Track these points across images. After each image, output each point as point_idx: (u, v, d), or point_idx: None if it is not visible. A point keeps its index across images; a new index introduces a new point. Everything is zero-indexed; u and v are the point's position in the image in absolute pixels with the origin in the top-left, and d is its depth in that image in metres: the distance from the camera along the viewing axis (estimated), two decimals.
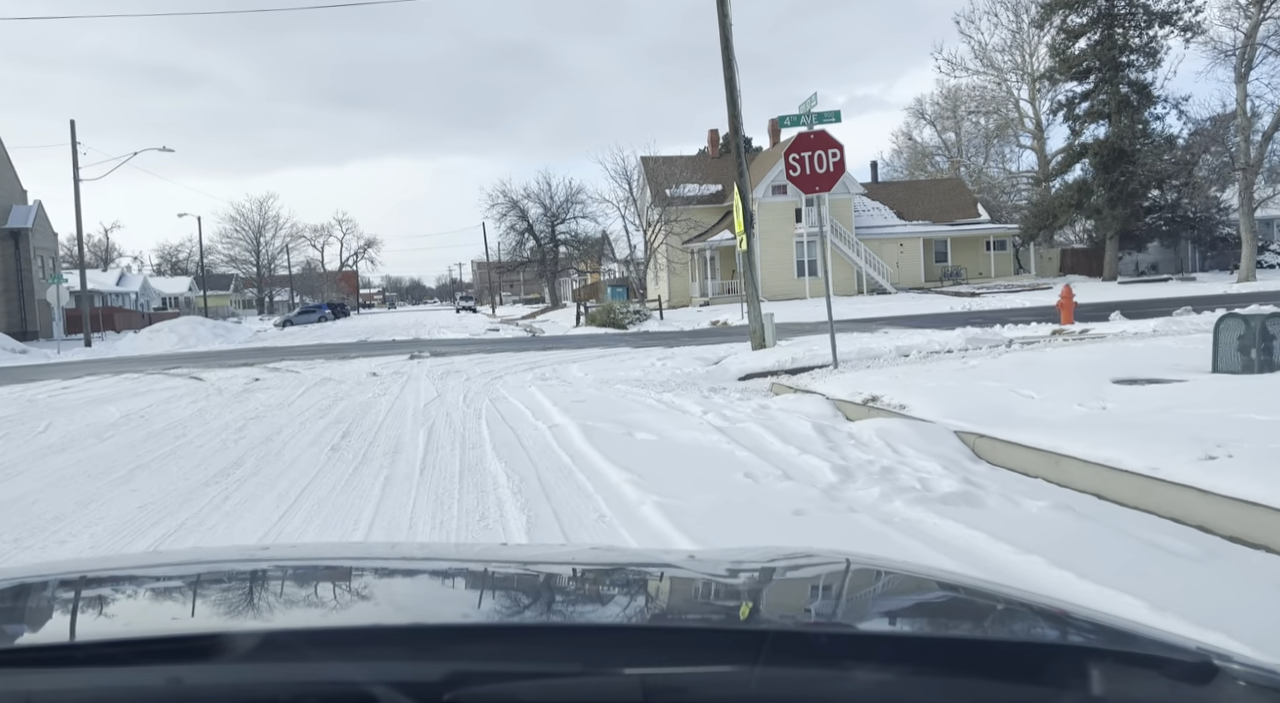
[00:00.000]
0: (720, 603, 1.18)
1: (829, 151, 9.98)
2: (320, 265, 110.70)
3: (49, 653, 0.85)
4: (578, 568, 1.35)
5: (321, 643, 0.84)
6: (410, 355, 18.42)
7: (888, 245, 41.95)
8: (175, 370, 17.13)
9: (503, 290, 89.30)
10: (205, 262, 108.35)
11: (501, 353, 18.11)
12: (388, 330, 38.77)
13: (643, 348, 17.83)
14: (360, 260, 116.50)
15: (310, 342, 28.97)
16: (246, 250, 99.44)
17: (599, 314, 31.36)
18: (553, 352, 18.00)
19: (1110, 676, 0.80)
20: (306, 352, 22.14)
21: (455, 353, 18.87)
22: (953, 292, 38.10)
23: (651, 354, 15.88)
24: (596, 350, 17.91)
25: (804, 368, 11.63)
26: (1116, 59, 36.65)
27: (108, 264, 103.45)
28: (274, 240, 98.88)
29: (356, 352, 21.19)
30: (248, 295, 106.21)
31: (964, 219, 43.70)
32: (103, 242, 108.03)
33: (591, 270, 62.02)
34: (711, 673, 0.78)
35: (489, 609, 1.09)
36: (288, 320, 64.97)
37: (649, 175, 42.62)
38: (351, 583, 1.22)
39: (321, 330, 44.80)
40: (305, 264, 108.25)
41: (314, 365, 16.55)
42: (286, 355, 20.80)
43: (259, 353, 22.79)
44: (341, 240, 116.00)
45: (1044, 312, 24.00)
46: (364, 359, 17.87)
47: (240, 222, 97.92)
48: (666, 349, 17.16)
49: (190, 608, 1.13)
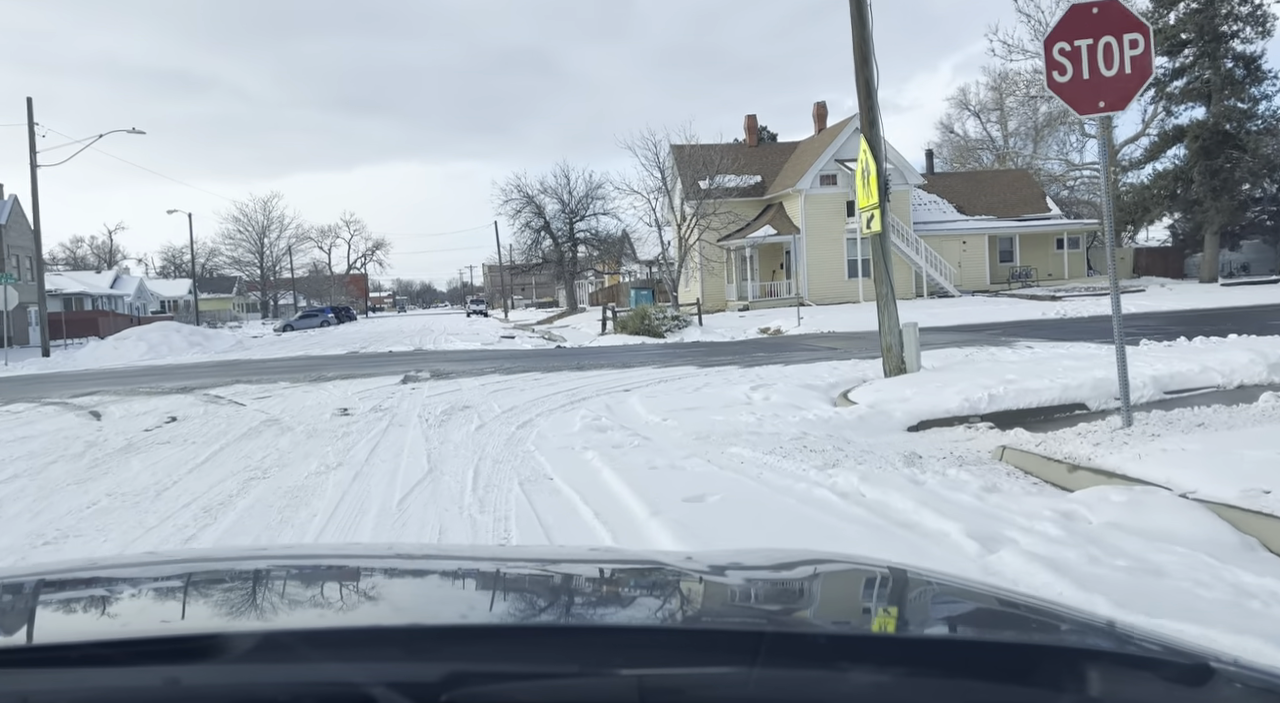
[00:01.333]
0: (717, 604, 1.17)
1: (1123, 38, 5.59)
2: (327, 268, 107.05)
3: (45, 654, 0.84)
4: (575, 569, 1.34)
5: (319, 644, 0.84)
6: (404, 377, 14.08)
7: (948, 243, 37.44)
8: (87, 396, 12.86)
9: (514, 294, 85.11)
10: (209, 264, 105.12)
11: (524, 373, 13.75)
12: (389, 338, 34.51)
13: (711, 367, 13.44)
14: (368, 263, 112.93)
15: (294, 353, 24.67)
16: (250, 252, 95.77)
17: (631, 320, 26.99)
18: (592, 372, 13.62)
19: (1106, 677, 0.80)
20: (278, 368, 17.85)
21: (463, 372, 14.54)
22: (1027, 295, 33.56)
23: (732, 379, 11.52)
24: (650, 371, 13.53)
25: (1024, 411, 7.24)
26: (1218, 29, 32.09)
27: (111, 265, 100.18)
28: (279, 241, 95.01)
29: (340, 368, 16.87)
30: (251, 299, 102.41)
31: (1032, 214, 39.13)
32: (106, 243, 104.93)
33: (610, 272, 57.68)
34: (708, 674, 0.78)
35: (487, 610, 1.09)
36: (288, 325, 61.30)
37: (680, 166, 38.21)
38: (349, 584, 1.21)
39: (319, 337, 40.64)
40: (312, 267, 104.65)
41: (271, 392, 12.24)
42: (252, 373, 16.52)
43: (222, 369, 18.52)
44: (349, 242, 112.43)
45: (1169, 319, 19.51)
46: (344, 381, 13.55)
47: (243, 222, 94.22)
48: (745, 370, 12.77)
49: (188, 609, 1.12)
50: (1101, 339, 13.36)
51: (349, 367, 17.08)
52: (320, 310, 67.32)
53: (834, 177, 36.30)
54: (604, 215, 50.52)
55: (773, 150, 41.17)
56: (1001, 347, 14.50)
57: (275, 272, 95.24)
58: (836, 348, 16.95)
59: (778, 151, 41.14)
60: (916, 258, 35.80)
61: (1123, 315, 6.02)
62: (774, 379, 10.95)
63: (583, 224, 50.65)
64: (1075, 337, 16.14)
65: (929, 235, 36.72)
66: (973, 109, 62.45)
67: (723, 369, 13.04)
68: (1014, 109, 57.55)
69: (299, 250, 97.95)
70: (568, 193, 49.53)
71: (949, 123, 64.32)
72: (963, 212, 39.45)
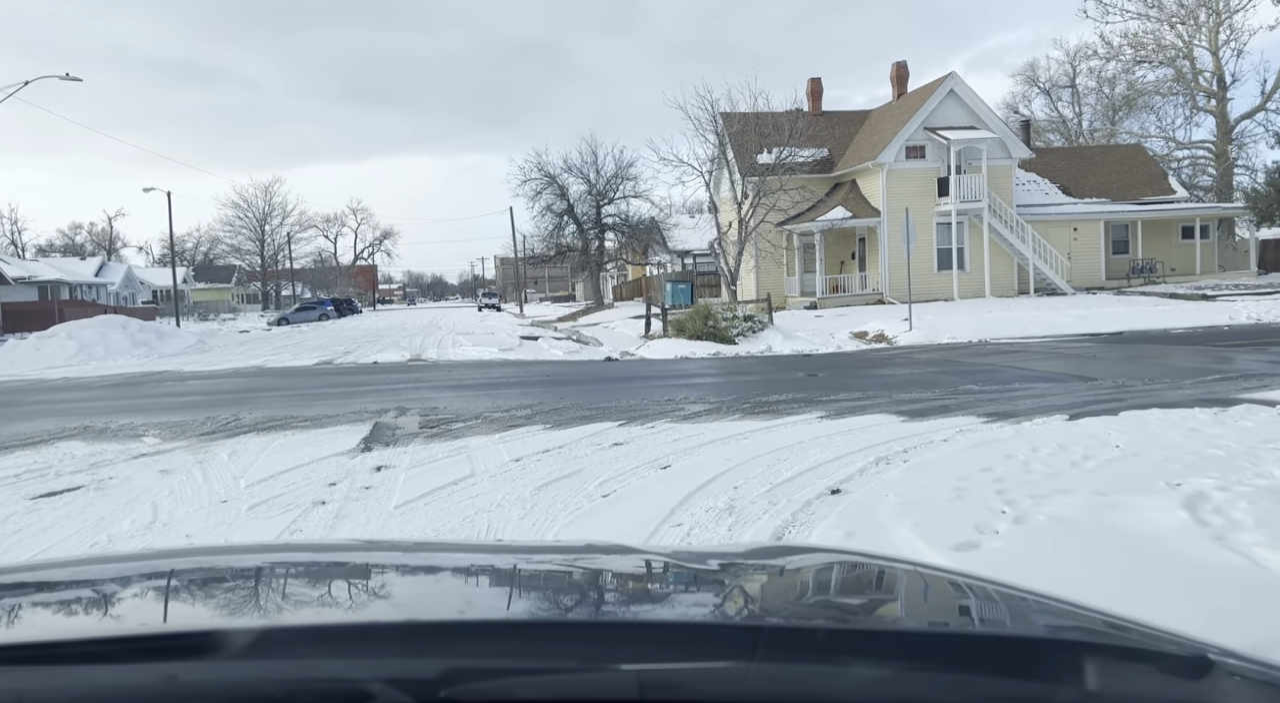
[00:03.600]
0: (716, 598, 1.16)
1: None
2: (334, 258, 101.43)
3: (42, 651, 0.83)
4: (573, 564, 1.32)
5: (317, 640, 0.83)
6: (373, 427, 8.10)
7: (1055, 230, 31.20)
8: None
9: (526, 288, 79.22)
10: (211, 253, 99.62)
11: (584, 423, 7.76)
12: (386, 337, 28.63)
13: (995, 423, 7.29)
14: (376, 253, 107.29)
15: (250, 362, 18.67)
16: (251, 239, 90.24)
17: (690, 321, 20.97)
18: (709, 420, 7.57)
19: (1106, 670, 0.80)
20: (197, 395, 11.91)
21: (475, 413, 8.62)
22: (1163, 293, 27.33)
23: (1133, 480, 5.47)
24: (820, 419, 7.45)
25: None
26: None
27: (111, 254, 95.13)
28: (280, 229, 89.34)
29: (283, 400, 10.93)
30: (252, 289, 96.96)
31: (1153, 197, 32.84)
32: (106, 230, 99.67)
33: (636, 263, 51.63)
34: (707, 669, 0.78)
35: (485, 606, 1.07)
36: (283, 318, 56.15)
37: (733, 138, 32.03)
38: (347, 580, 1.19)
39: (310, 334, 34.93)
40: (317, 256, 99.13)
41: (79, 481, 6.23)
42: (144, 406, 10.62)
43: (111, 392, 12.60)
44: (356, 231, 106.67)
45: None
46: (260, 439, 7.58)
47: (244, 208, 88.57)
48: (1066, 425, 6.73)
49: (185, 605, 1.10)
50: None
51: (299, 398, 11.08)
52: (320, 303, 61.93)
53: (922, 148, 30.12)
54: (635, 199, 44.52)
55: (839, 119, 34.94)
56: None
57: (277, 261, 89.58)
58: (1051, 374, 10.85)
59: (845, 121, 34.93)
60: (1022, 247, 29.60)
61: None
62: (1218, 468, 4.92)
63: (610, 208, 44.65)
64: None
65: (1032, 221, 30.51)
66: (1042, 86, 56.10)
67: (1015, 424, 7.00)
68: (1091, 88, 51.15)
69: (303, 239, 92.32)
70: (595, 171, 43.51)
71: (1014, 102, 57.91)
72: (1068, 193, 33.21)
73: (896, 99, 33.33)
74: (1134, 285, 30.42)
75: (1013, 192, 30.45)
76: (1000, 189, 29.87)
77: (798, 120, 31.06)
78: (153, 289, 79.51)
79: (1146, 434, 6.40)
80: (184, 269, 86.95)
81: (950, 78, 29.88)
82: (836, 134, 33.85)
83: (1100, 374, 10.32)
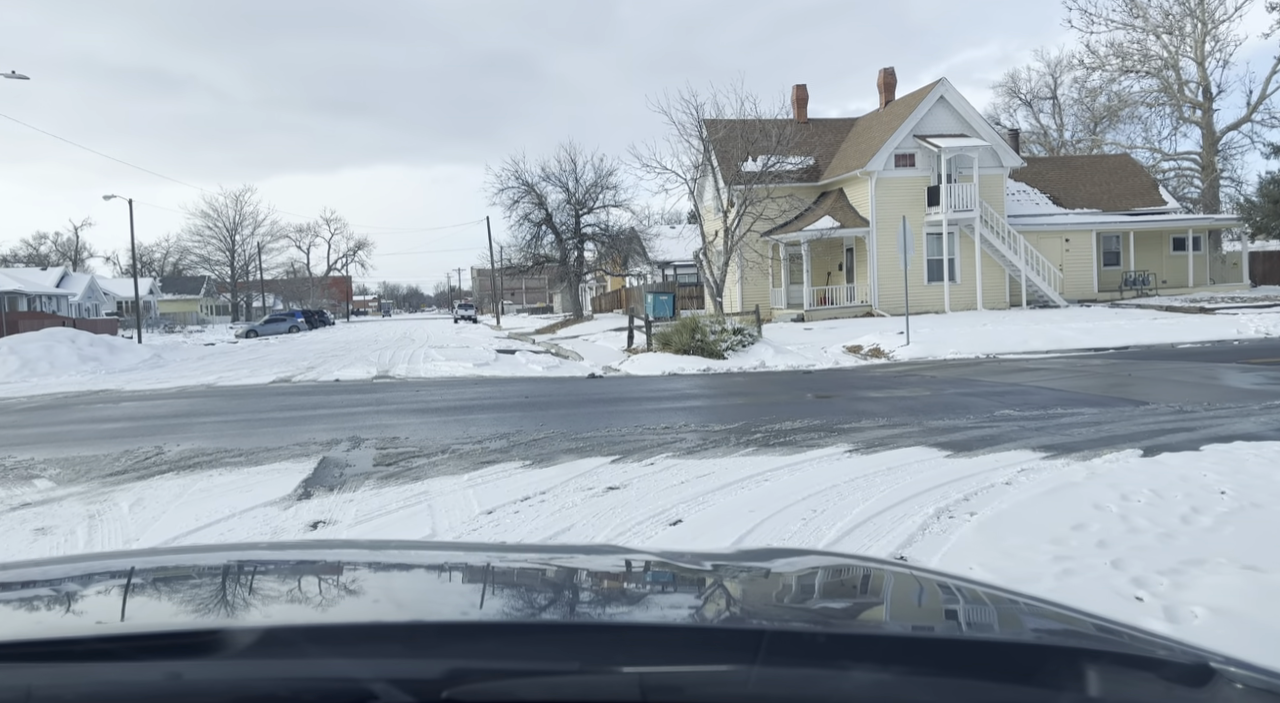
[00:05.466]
0: (718, 602, 1.16)
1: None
2: (306, 269, 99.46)
3: (49, 648, 0.83)
4: (577, 566, 1.31)
5: (321, 639, 0.83)
6: (318, 465, 6.84)
7: (1047, 241, 30.43)
8: None
9: (503, 298, 77.75)
10: (180, 263, 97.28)
11: (569, 458, 6.59)
12: (355, 351, 27.24)
13: (1058, 459, 6.19)
14: (350, 263, 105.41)
15: (201, 380, 17.24)
16: (220, 249, 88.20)
17: (677, 334, 19.80)
18: (719, 456, 6.41)
19: (1107, 677, 0.80)
20: (124, 421, 10.56)
21: (440, 447, 7.42)
22: (1161, 306, 26.55)
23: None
24: (856, 452, 6.31)
25: None
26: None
27: (77, 264, 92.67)
28: (251, 239, 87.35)
29: (221, 430, 9.62)
30: (222, 300, 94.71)
31: (1144, 207, 32.20)
32: (72, 240, 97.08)
33: (616, 274, 50.48)
34: (709, 672, 0.78)
35: (488, 607, 1.07)
36: (251, 330, 54.48)
37: (718, 146, 30.99)
38: (351, 580, 1.19)
39: (276, 347, 33.45)
40: (290, 267, 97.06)
41: None
42: (63, 436, 9.28)
43: (60, 411, 11.21)
44: (329, 241, 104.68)
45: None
46: (180, 482, 6.30)
47: (214, 218, 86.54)
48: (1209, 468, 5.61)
49: (190, 604, 1.09)
50: None
51: (240, 425, 9.75)
52: (290, 314, 60.27)
53: (911, 156, 29.25)
54: (615, 208, 43.39)
55: (825, 127, 34.05)
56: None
57: (248, 272, 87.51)
58: (1091, 397, 9.76)
59: (832, 128, 34.06)
60: (1015, 259, 28.76)
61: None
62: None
63: (590, 218, 43.47)
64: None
65: (1023, 232, 29.70)
66: (1024, 97, 55.76)
67: (1084, 462, 5.87)
68: (1074, 99, 50.76)
69: (275, 249, 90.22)
70: (574, 180, 42.32)
71: (995, 114, 57.52)
72: (1059, 204, 32.49)
73: (884, 106, 32.48)
74: (1127, 298, 29.69)
75: (1004, 201, 29.64)
76: (992, 199, 29.06)
77: (785, 127, 30.07)
78: (117, 301, 77.26)
79: (1250, 477, 5.30)
80: (150, 280, 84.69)
81: (940, 84, 29.04)
82: (823, 142, 32.95)
83: (1148, 397, 9.27)
